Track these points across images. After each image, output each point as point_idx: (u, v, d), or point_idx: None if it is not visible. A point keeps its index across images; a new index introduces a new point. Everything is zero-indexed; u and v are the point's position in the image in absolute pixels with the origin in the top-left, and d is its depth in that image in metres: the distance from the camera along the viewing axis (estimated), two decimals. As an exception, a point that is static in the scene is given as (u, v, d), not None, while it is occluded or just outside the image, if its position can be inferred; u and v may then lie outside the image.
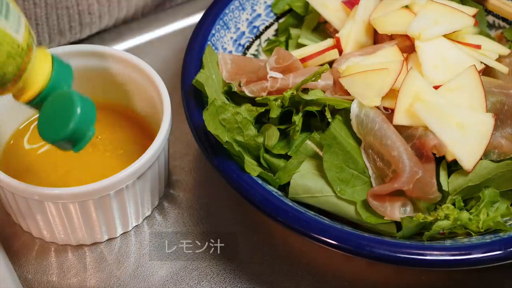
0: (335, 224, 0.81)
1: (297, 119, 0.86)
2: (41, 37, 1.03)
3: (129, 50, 1.04)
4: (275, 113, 0.86)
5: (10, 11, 0.72)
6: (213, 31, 0.96)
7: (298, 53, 0.95)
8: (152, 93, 0.91)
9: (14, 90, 0.74)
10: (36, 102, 0.75)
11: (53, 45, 1.05)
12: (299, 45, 0.99)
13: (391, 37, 0.93)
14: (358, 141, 0.85)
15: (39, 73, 0.75)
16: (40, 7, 1.00)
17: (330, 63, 0.93)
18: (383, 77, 0.85)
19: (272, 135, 0.86)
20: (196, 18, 1.08)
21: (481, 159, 0.82)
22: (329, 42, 0.96)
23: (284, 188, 0.85)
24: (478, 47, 0.91)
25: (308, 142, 0.86)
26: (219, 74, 0.92)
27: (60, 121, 0.74)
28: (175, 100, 0.91)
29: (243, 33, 1.00)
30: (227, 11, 0.98)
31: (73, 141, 0.75)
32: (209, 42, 0.95)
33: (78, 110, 0.73)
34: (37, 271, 0.87)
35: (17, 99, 0.76)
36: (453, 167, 0.84)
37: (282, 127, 0.87)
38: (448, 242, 0.80)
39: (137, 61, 0.92)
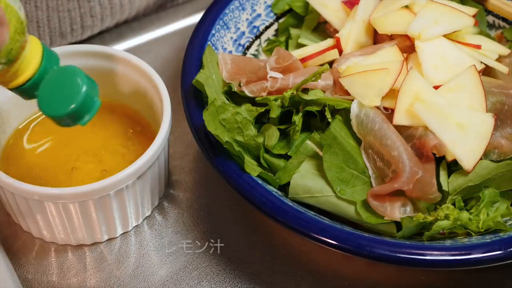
0: (335, 224, 0.81)
1: (297, 119, 0.86)
2: (42, 39, 1.03)
3: (129, 50, 1.04)
4: (275, 113, 0.86)
5: None
6: (213, 31, 0.96)
7: (298, 53, 0.95)
8: (152, 93, 0.91)
9: (10, 73, 0.73)
10: (27, 87, 0.75)
11: (54, 46, 1.05)
12: (299, 45, 0.99)
13: (391, 37, 0.93)
14: (358, 141, 0.85)
15: (33, 56, 0.74)
16: (42, 10, 1.00)
17: (330, 63, 0.93)
18: (383, 77, 0.85)
19: (272, 135, 0.86)
20: (196, 18, 1.08)
21: (481, 159, 0.82)
22: (329, 42, 0.96)
23: (284, 188, 0.85)
24: (478, 47, 0.91)
25: (308, 142, 0.86)
26: (219, 74, 0.92)
27: (68, 92, 0.73)
28: (175, 100, 0.91)
29: (243, 33, 1.00)
30: (227, 11, 0.98)
31: (83, 112, 0.74)
32: (209, 42, 0.95)
33: (85, 78, 0.73)
34: (37, 271, 0.87)
35: (7, 84, 0.75)
36: (453, 167, 0.84)
37: (282, 127, 0.87)
38: (448, 242, 0.80)
39: (137, 61, 0.92)
